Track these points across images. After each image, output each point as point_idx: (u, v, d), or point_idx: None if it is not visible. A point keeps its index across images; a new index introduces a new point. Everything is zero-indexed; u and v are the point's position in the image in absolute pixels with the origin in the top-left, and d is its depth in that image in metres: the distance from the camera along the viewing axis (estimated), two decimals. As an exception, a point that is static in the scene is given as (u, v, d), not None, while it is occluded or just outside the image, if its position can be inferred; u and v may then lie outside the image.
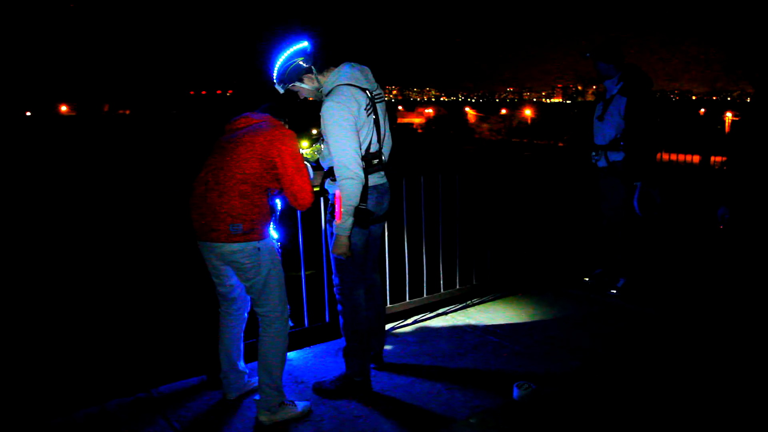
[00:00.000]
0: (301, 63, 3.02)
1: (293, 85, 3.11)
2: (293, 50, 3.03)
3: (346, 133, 2.92)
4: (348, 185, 2.94)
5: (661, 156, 6.67)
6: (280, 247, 3.07)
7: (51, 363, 3.84)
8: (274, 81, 3.10)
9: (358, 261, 3.19)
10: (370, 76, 3.13)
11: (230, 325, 3.14)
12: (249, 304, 3.15)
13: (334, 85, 3.02)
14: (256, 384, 3.19)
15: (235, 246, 2.81)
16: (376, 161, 3.11)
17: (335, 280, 3.25)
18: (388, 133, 3.23)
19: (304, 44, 3.03)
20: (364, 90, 3.03)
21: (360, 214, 3.02)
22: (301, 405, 3.04)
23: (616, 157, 4.57)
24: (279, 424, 2.93)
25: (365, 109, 3.00)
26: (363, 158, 3.01)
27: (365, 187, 3.02)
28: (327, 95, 3.01)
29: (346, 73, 3.05)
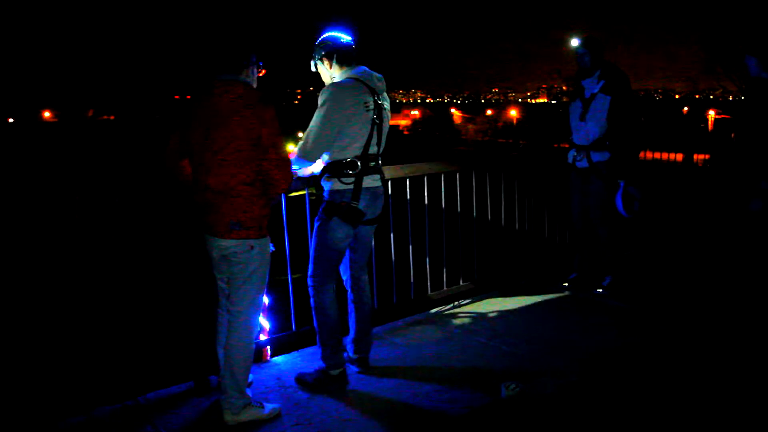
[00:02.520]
0: (329, 44, 3.20)
1: (315, 64, 3.28)
2: (332, 33, 3.21)
3: (325, 118, 3.05)
4: (296, 162, 3.12)
5: (645, 154, 6.73)
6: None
7: (36, 371, 3.80)
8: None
9: (333, 257, 3.28)
10: (382, 84, 3.25)
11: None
12: None
13: (345, 77, 3.17)
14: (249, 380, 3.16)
15: (231, 242, 2.85)
16: (373, 164, 3.21)
17: (310, 271, 3.33)
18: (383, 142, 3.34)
19: (343, 34, 3.21)
20: (372, 89, 3.14)
21: (350, 212, 3.14)
22: (268, 407, 3.04)
23: (600, 157, 4.53)
24: (244, 424, 2.94)
25: (364, 105, 3.10)
26: (360, 157, 3.14)
27: (359, 188, 3.14)
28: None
29: (360, 70, 3.20)
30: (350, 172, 3.15)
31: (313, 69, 3.33)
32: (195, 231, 3.05)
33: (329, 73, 3.25)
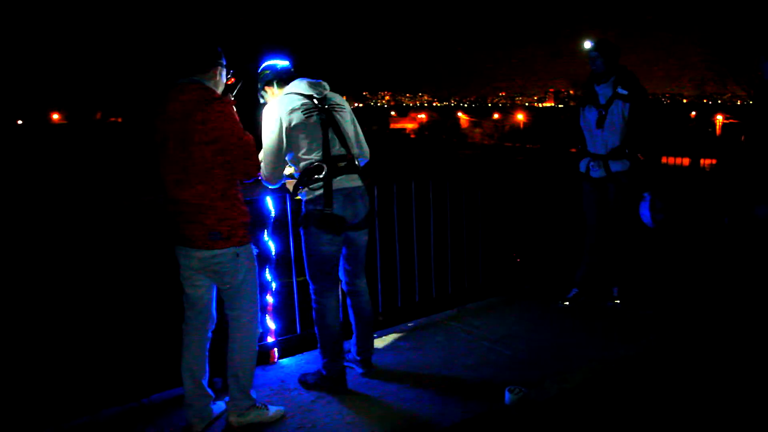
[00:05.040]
0: (267, 73, 3.29)
1: (261, 95, 3.36)
2: (269, 62, 3.31)
3: (267, 136, 3.11)
4: (265, 183, 3.21)
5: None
6: (256, 255, 3.05)
7: (42, 373, 3.82)
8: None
9: (323, 265, 3.25)
10: (322, 89, 3.25)
11: (195, 340, 2.96)
12: (215, 320, 3.03)
13: (281, 95, 3.23)
14: (221, 410, 3.08)
15: (215, 252, 2.78)
16: (343, 164, 3.16)
17: (308, 280, 3.34)
18: (359, 139, 3.32)
19: (279, 60, 3.30)
20: (307, 96, 3.16)
21: (325, 219, 3.11)
22: (272, 409, 3.05)
23: (620, 166, 4.32)
24: (247, 426, 2.94)
25: (302, 111, 3.10)
26: (323, 160, 3.10)
27: (329, 191, 3.10)
28: None
29: (292, 84, 3.24)
30: (317, 176, 3.10)
31: (262, 101, 3.35)
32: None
33: (275, 98, 3.27)
